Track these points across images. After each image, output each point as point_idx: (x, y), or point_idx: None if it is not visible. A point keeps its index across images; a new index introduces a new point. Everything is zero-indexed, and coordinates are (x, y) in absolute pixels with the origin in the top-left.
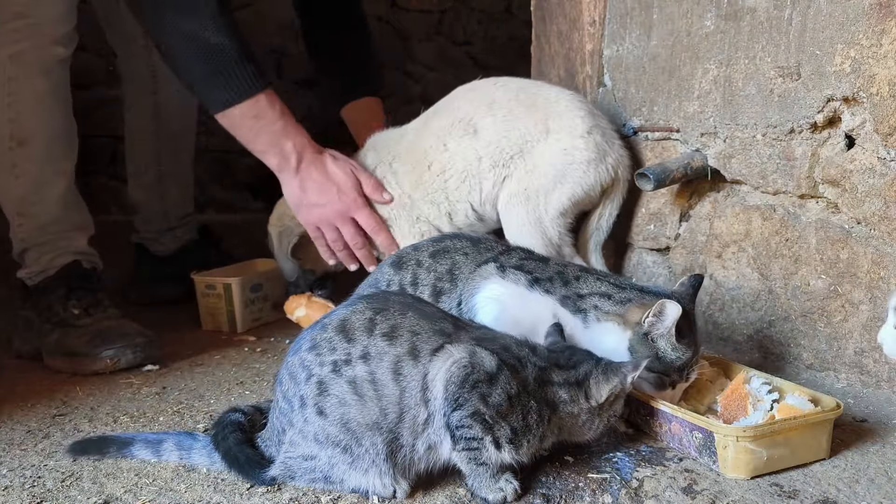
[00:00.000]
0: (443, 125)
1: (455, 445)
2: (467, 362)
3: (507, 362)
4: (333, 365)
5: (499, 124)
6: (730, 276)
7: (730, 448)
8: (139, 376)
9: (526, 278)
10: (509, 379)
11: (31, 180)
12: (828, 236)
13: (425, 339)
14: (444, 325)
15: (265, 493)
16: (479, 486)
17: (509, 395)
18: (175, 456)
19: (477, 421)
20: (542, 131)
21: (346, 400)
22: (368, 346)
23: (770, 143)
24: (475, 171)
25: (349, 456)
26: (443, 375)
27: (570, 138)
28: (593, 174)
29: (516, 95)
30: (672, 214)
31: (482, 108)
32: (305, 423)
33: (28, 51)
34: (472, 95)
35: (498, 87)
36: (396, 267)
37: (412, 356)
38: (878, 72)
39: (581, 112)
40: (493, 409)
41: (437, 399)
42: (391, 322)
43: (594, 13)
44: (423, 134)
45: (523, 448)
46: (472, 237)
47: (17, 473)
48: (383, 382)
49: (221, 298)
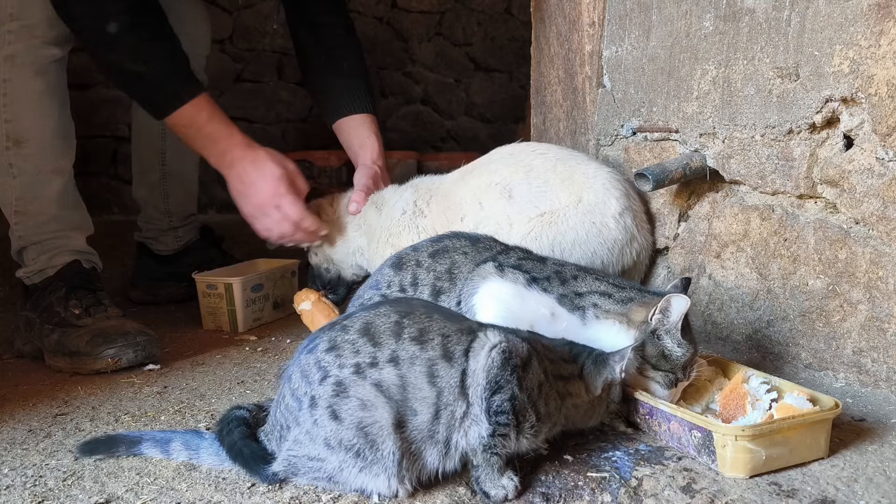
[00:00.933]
0: (480, 184)
1: (487, 428)
2: (506, 347)
3: (535, 348)
4: (356, 367)
5: (533, 192)
6: (728, 276)
7: (728, 447)
8: (140, 376)
9: (524, 277)
10: (539, 364)
11: (29, 179)
12: (826, 236)
13: (455, 340)
14: (470, 324)
15: (266, 493)
16: (485, 479)
17: (539, 381)
18: (184, 455)
19: (512, 405)
20: (575, 202)
21: (369, 402)
22: (397, 350)
23: (769, 143)
24: (506, 233)
25: (361, 461)
26: (483, 362)
27: (602, 216)
28: (617, 254)
29: (554, 166)
30: (671, 214)
31: (519, 175)
32: (315, 426)
33: (22, 52)
34: (510, 160)
35: (537, 154)
36: (396, 268)
37: (446, 359)
38: (876, 72)
39: (617, 193)
40: (526, 394)
41: (480, 385)
42: (419, 326)
43: (593, 14)
44: (461, 187)
45: (542, 435)
46: (471, 236)
47: (19, 473)
48: (417, 386)
49: (223, 298)
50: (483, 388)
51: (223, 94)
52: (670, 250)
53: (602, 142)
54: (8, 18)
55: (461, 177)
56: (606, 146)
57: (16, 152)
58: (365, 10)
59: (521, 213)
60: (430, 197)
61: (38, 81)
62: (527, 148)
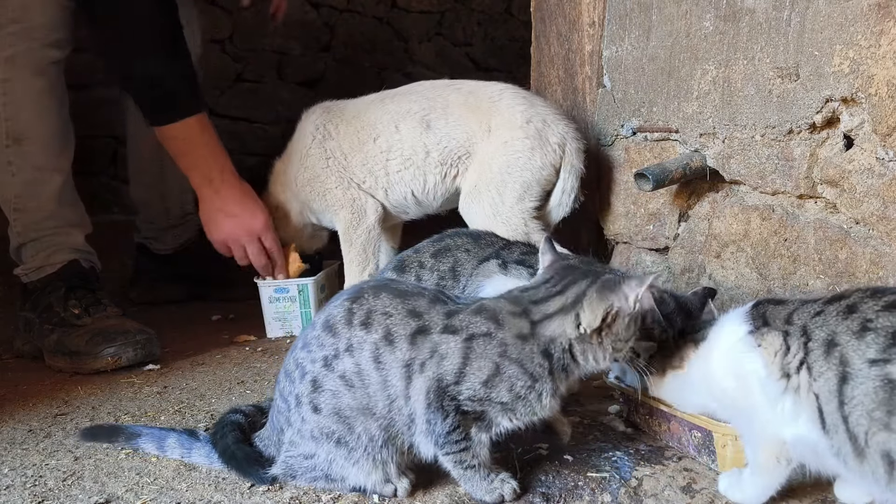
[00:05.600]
0: (399, 110)
1: (439, 450)
2: (433, 374)
3: (477, 333)
4: (324, 361)
5: (450, 126)
6: (728, 276)
7: (729, 447)
8: (140, 375)
9: (529, 273)
10: (480, 361)
11: (28, 177)
12: (826, 236)
13: (398, 320)
14: (417, 303)
15: (266, 492)
16: (474, 490)
17: (485, 380)
18: (177, 453)
19: (459, 420)
20: (486, 130)
21: (338, 391)
22: (351, 337)
23: (769, 143)
24: (422, 160)
25: (345, 449)
26: (420, 387)
27: (510, 131)
28: (539, 158)
29: (466, 100)
30: (671, 214)
31: (438, 110)
32: (303, 423)
33: (22, 54)
34: (430, 93)
35: (453, 89)
36: (399, 271)
37: (388, 342)
38: (876, 72)
39: (520, 106)
40: (470, 400)
41: (420, 406)
42: (366, 308)
43: (593, 14)
44: (377, 109)
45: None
46: (472, 233)
47: (19, 472)
48: (367, 372)
49: (295, 301)
50: (423, 410)
51: (223, 94)
52: (670, 250)
53: (602, 142)
54: (9, 21)
55: (379, 100)
56: (607, 146)
57: (15, 150)
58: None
59: (438, 143)
60: (339, 120)
61: (37, 82)
62: (446, 82)
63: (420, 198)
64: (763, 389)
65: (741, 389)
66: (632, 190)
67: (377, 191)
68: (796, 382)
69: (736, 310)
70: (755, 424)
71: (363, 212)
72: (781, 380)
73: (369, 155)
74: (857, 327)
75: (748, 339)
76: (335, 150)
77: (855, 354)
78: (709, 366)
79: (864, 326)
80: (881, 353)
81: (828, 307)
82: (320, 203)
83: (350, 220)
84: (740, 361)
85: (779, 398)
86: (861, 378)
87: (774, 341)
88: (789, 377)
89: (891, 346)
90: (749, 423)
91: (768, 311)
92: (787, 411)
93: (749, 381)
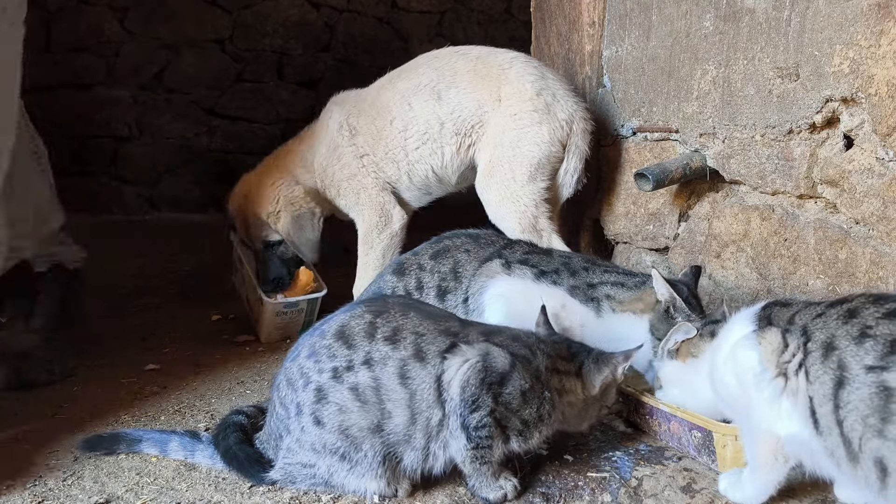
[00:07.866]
0: (409, 87)
1: (468, 444)
2: (481, 366)
3: (518, 354)
4: (333, 372)
5: (461, 94)
6: (728, 276)
7: (728, 447)
8: (140, 375)
9: (532, 272)
10: (522, 374)
11: None
12: (826, 236)
13: (430, 339)
14: (449, 324)
15: (266, 493)
16: (481, 486)
17: (522, 391)
18: (180, 455)
19: (492, 420)
20: (496, 100)
21: (346, 406)
22: (371, 351)
23: (769, 143)
24: (437, 133)
25: (347, 463)
26: (459, 378)
27: (520, 102)
28: (547, 132)
29: (475, 66)
30: (671, 215)
31: (446, 79)
32: (302, 433)
33: None
34: (436, 63)
35: (459, 56)
36: (399, 274)
37: (418, 358)
38: (876, 72)
39: (531, 76)
40: (505, 407)
41: (454, 400)
42: (393, 325)
43: (593, 14)
44: (389, 91)
45: (533, 438)
46: (471, 233)
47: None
48: (390, 387)
49: (302, 312)
50: (458, 404)
51: (223, 94)
52: (670, 250)
53: (602, 142)
54: None
55: (388, 81)
56: (607, 146)
57: None
58: (365, 10)
59: (451, 113)
60: (358, 112)
61: None
62: (450, 50)
63: (440, 174)
64: (757, 384)
65: (740, 386)
66: (632, 190)
67: (401, 178)
68: (794, 385)
69: (747, 310)
70: (752, 420)
71: (390, 217)
72: (778, 378)
73: (389, 140)
74: (856, 333)
75: (751, 336)
76: (363, 145)
77: (853, 360)
78: (715, 361)
79: (864, 333)
80: (879, 360)
81: (829, 310)
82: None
83: (376, 223)
84: (739, 357)
85: (775, 394)
86: (857, 384)
87: (773, 338)
88: (787, 378)
89: (889, 353)
90: (747, 418)
91: (774, 312)
92: (783, 408)
93: (745, 377)
